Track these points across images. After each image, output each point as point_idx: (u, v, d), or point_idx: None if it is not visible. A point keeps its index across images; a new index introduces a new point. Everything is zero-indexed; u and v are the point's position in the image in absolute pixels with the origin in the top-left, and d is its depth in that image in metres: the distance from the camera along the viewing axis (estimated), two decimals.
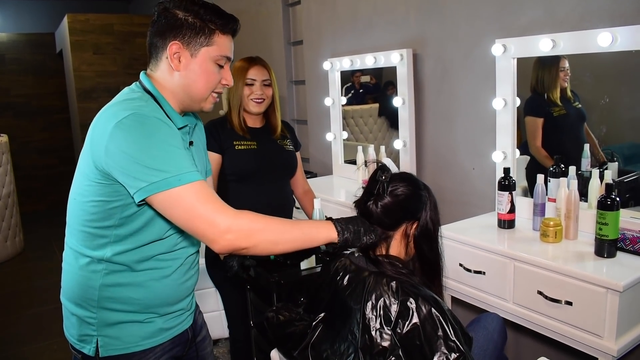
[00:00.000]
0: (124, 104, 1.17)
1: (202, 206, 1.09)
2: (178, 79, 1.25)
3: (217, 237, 1.09)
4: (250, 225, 1.11)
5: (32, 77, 6.70)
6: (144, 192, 1.09)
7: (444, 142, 2.53)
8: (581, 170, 1.96)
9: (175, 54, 1.22)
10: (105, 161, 1.12)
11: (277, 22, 3.79)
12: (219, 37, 1.25)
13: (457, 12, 2.34)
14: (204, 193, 1.11)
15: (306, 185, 2.30)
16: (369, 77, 3.08)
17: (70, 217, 1.26)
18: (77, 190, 1.22)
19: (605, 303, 1.48)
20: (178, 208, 1.10)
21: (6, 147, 4.92)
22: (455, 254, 1.95)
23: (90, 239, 1.21)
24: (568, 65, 1.94)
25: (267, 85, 2.09)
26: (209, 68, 1.25)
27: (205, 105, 1.30)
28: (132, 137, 1.10)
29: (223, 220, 1.09)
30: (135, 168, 1.09)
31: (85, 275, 1.23)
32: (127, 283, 1.23)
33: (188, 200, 1.09)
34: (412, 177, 1.30)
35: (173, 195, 1.09)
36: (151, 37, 1.26)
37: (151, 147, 1.10)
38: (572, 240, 1.80)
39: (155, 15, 1.25)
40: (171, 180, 1.09)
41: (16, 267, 4.75)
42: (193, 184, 1.11)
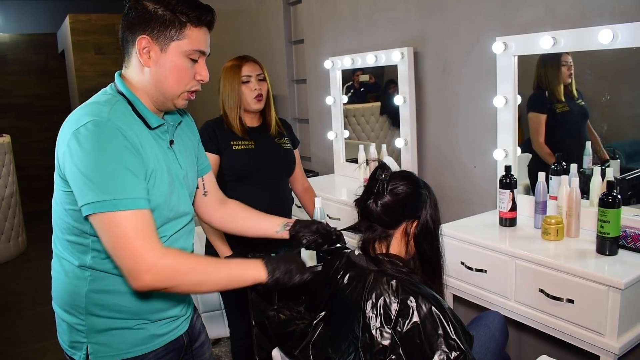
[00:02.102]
0: (88, 108, 1.13)
1: (132, 238, 1.05)
2: (148, 75, 1.19)
3: (136, 275, 1.05)
4: (173, 268, 1.07)
5: (34, 77, 6.71)
6: (85, 210, 1.06)
7: (445, 141, 2.53)
8: (583, 168, 1.95)
9: (144, 49, 1.16)
10: (64, 168, 1.10)
11: (278, 21, 3.79)
12: (191, 30, 1.18)
13: (458, 10, 2.34)
14: (137, 225, 1.06)
15: (306, 183, 2.29)
16: (367, 76, 3.07)
17: (53, 224, 1.24)
18: (54, 197, 1.21)
19: (607, 301, 1.48)
20: (107, 233, 1.06)
21: (8, 148, 4.93)
22: (457, 252, 1.95)
23: (72, 246, 1.19)
24: (571, 60, 1.93)
25: (261, 80, 2.08)
26: (181, 63, 1.18)
27: (178, 102, 1.24)
28: (84, 149, 1.06)
29: (147, 257, 1.04)
30: (81, 182, 1.05)
31: (71, 282, 1.21)
32: (113, 290, 1.19)
33: (118, 230, 1.05)
34: (412, 175, 1.30)
35: (105, 220, 1.05)
36: (122, 32, 1.20)
37: (99, 164, 1.05)
38: (573, 238, 1.79)
39: (126, 8, 1.19)
40: (106, 204, 1.04)
41: (19, 267, 4.76)
42: (131, 212, 1.06)
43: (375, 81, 3.05)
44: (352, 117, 3.19)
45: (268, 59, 3.96)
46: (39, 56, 6.71)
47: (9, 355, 3.09)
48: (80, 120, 1.08)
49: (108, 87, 1.24)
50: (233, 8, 4.41)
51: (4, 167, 4.79)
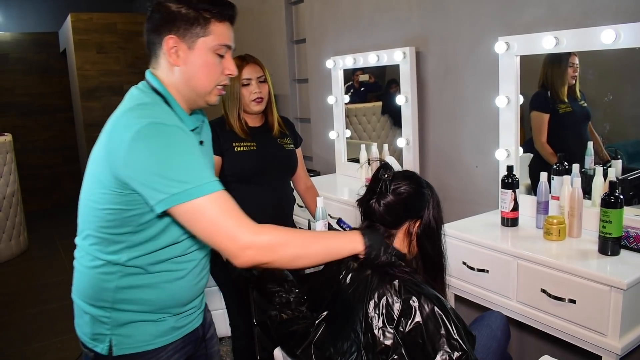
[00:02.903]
0: (139, 111, 1.13)
1: (224, 220, 1.07)
2: (179, 74, 1.21)
3: (238, 252, 1.07)
4: (272, 240, 1.09)
5: (36, 76, 6.72)
6: (165, 204, 1.07)
7: (447, 140, 2.53)
8: (585, 168, 1.95)
9: (172, 49, 1.19)
10: (125, 172, 1.09)
11: (279, 21, 3.79)
12: (216, 26, 1.21)
13: (460, 10, 2.34)
14: (226, 205, 1.08)
15: (308, 182, 2.29)
16: (367, 75, 3.07)
17: (82, 221, 1.24)
18: (90, 196, 1.19)
19: (609, 301, 1.47)
20: (200, 221, 1.07)
21: (10, 146, 4.93)
22: (459, 252, 1.94)
23: (105, 244, 1.19)
24: (578, 62, 1.93)
25: (262, 82, 2.07)
26: (209, 59, 1.22)
27: (210, 98, 1.27)
28: (150, 148, 1.07)
29: (244, 235, 1.06)
30: (155, 180, 1.06)
31: (99, 277, 1.21)
32: (142, 285, 1.21)
33: (210, 213, 1.07)
34: (414, 175, 1.30)
35: (195, 207, 1.06)
36: (147, 35, 1.23)
37: (170, 158, 1.07)
38: (575, 238, 1.79)
39: (149, 11, 1.22)
40: (192, 192, 1.06)
41: (20, 266, 4.77)
42: (215, 194, 1.08)
43: (375, 81, 3.05)
44: (353, 117, 3.19)
45: (270, 58, 3.96)
46: (41, 55, 6.71)
47: (10, 354, 3.10)
48: (136, 123, 1.08)
49: (140, 84, 1.24)
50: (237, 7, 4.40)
51: (6, 166, 4.80)
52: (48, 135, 6.87)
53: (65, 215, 6.54)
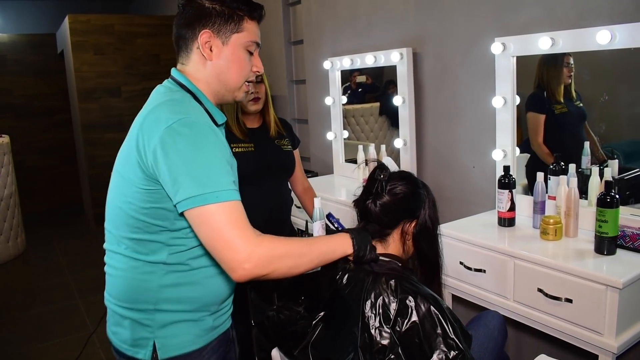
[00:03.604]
0: (170, 106, 1.14)
1: (229, 230, 1.06)
2: (211, 68, 1.24)
3: (236, 265, 1.05)
4: (270, 253, 1.08)
5: (34, 77, 6.70)
6: (183, 205, 1.07)
7: (444, 141, 2.54)
8: (581, 168, 1.96)
9: (206, 43, 1.21)
10: (153, 165, 1.10)
11: (277, 22, 3.80)
12: (248, 23, 1.24)
13: (457, 11, 2.35)
14: (235, 216, 1.07)
15: (306, 183, 2.30)
16: (364, 76, 3.08)
17: (114, 225, 1.23)
18: (121, 197, 1.19)
19: (605, 300, 1.48)
20: (206, 226, 1.07)
21: (7, 148, 4.93)
22: (456, 252, 1.95)
23: (142, 245, 1.18)
24: (573, 62, 1.94)
25: (259, 82, 2.08)
26: (241, 55, 1.25)
27: (239, 94, 1.30)
28: (179, 145, 1.07)
29: (244, 247, 1.05)
30: (178, 178, 1.07)
31: (140, 277, 1.20)
32: (185, 282, 1.20)
33: (218, 220, 1.06)
34: (410, 175, 1.31)
35: (206, 212, 1.06)
36: (178, 30, 1.24)
37: (197, 158, 1.08)
38: (572, 237, 1.80)
39: (181, 7, 1.24)
40: (208, 197, 1.06)
41: (18, 268, 4.76)
42: (228, 203, 1.07)
43: (373, 82, 3.05)
44: (351, 118, 3.19)
45: (268, 59, 3.96)
46: (38, 56, 6.70)
47: (8, 356, 3.09)
48: (168, 118, 1.10)
49: (166, 82, 1.26)
50: None
51: (3, 168, 4.79)
52: (46, 136, 6.85)
53: (63, 217, 6.54)
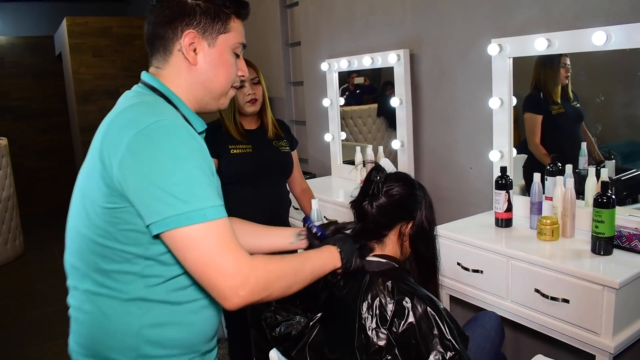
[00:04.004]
0: (141, 108, 0.98)
1: (221, 253, 0.91)
2: (195, 73, 1.08)
3: (230, 293, 0.91)
4: (266, 276, 0.96)
5: (32, 80, 6.71)
6: (159, 226, 0.91)
7: (441, 142, 2.54)
8: (578, 169, 1.96)
9: (190, 45, 1.06)
10: (119, 177, 0.92)
11: (275, 23, 3.80)
12: (235, 22, 1.10)
13: (453, 12, 2.35)
14: (226, 236, 0.93)
15: (304, 184, 2.30)
16: (362, 78, 3.09)
17: (76, 256, 1.04)
18: (83, 220, 1.00)
19: (602, 300, 1.48)
20: (193, 250, 0.91)
21: (6, 150, 4.93)
22: (453, 253, 1.95)
23: (113, 278, 1.00)
24: (569, 63, 1.95)
25: (256, 84, 2.08)
26: (228, 58, 1.10)
27: (225, 101, 1.15)
28: (153, 153, 0.90)
29: (238, 273, 0.91)
30: (152, 193, 0.90)
31: (116, 321, 1.01)
32: (168, 322, 1.03)
33: (207, 243, 0.90)
34: (407, 176, 1.31)
35: (192, 234, 0.90)
36: (154, 28, 1.07)
37: (175, 169, 0.91)
38: (569, 238, 1.80)
39: (155, 1, 1.08)
40: (194, 215, 0.90)
41: (16, 270, 4.76)
42: (217, 222, 0.92)
43: (371, 83, 3.06)
44: (349, 119, 3.20)
45: (265, 61, 3.96)
46: (36, 59, 6.71)
47: (7, 358, 3.09)
48: (139, 121, 0.93)
49: (136, 87, 1.11)
50: None
51: (1, 170, 4.79)
52: (44, 138, 6.86)
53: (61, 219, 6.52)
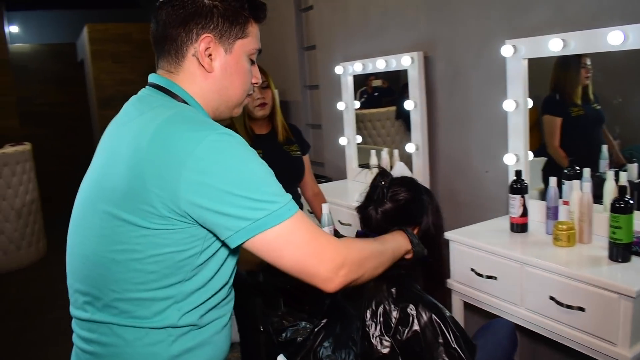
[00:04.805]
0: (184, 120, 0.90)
1: (316, 240, 0.91)
2: (211, 81, 1.00)
3: (332, 274, 0.91)
4: (359, 255, 0.97)
5: (55, 86, 6.85)
6: (248, 232, 0.87)
7: (456, 145, 2.50)
8: (599, 172, 1.91)
9: (206, 50, 0.98)
10: (188, 197, 0.85)
11: (290, 27, 3.81)
12: (252, 27, 1.03)
13: (467, 13, 2.32)
14: (310, 224, 0.93)
15: (316, 188, 2.29)
16: (380, 80, 3.06)
17: (93, 285, 0.96)
18: (113, 245, 0.91)
19: (619, 309, 1.43)
20: (290, 246, 0.89)
21: (29, 155, 5.03)
22: (467, 259, 1.92)
23: (144, 306, 0.92)
24: (590, 63, 1.90)
25: (265, 88, 2.08)
26: (245, 65, 1.03)
27: (239, 110, 1.09)
28: (221, 167, 0.86)
29: (337, 254, 0.92)
30: (233, 203, 0.85)
31: (143, 352, 0.94)
32: (195, 345, 0.97)
33: (302, 235, 0.90)
34: (413, 181, 1.29)
35: (284, 232, 0.88)
36: (165, 28, 0.99)
37: (248, 176, 0.88)
38: (586, 244, 1.75)
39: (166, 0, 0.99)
40: (282, 212, 0.88)
41: (39, 272, 4.84)
42: (299, 214, 0.92)
43: (389, 85, 3.03)
44: (367, 122, 3.17)
45: (281, 64, 3.97)
46: (59, 65, 6.85)
47: (30, 359, 3.14)
48: (194, 138, 0.86)
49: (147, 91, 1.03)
50: None
51: (25, 174, 4.89)
52: (66, 143, 6.98)
53: None
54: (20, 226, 4.80)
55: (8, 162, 4.68)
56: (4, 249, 4.66)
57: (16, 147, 4.92)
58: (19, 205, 4.76)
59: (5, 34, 5.76)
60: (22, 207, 4.82)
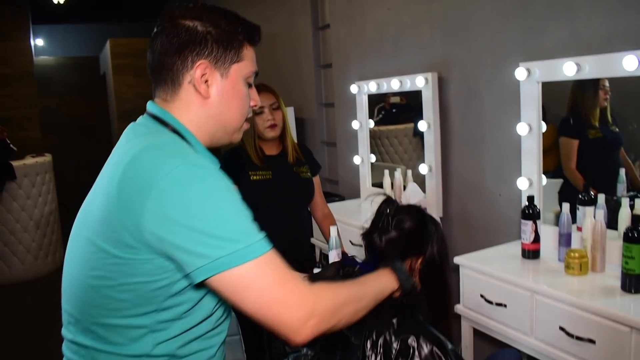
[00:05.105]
0: (161, 149, 0.89)
1: (281, 286, 0.84)
2: (207, 107, 0.99)
3: (300, 325, 0.84)
4: (333, 302, 0.90)
5: (78, 98, 7.00)
6: (207, 270, 0.82)
7: (470, 167, 2.48)
8: (616, 196, 1.87)
9: (202, 77, 0.97)
10: (151, 230, 0.83)
11: (307, 45, 3.83)
12: (247, 50, 1.02)
13: (482, 35, 2.30)
14: (280, 267, 0.86)
15: (326, 209, 2.28)
16: (398, 97, 3.05)
17: (77, 307, 0.96)
18: (90, 270, 0.91)
19: (630, 343, 1.39)
20: (251, 290, 0.83)
21: (49, 166, 5.12)
22: (477, 285, 1.89)
23: (119, 333, 0.91)
24: (608, 84, 1.87)
25: (275, 109, 2.08)
26: (242, 89, 1.02)
27: (238, 136, 1.07)
28: (187, 198, 0.83)
29: (305, 302, 0.85)
30: (195, 238, 0.82)
31: None
32: None
33: (265, 279, 0.84)
34: (419, 209, 1.27)
35: (246, 273, 0.83)
36: (160, 57, 0.98)
37: (214, 210, 0.84)
38: (598, 272, 1.71)
39: (159, 28, 0.99)
40: (244, 253, 0.83)
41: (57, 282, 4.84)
42: (267, 255, 0.85)
43: (407, 102, 3.01)
44: (384, 139, 3.15)
45: (298, 82, 3.99)
46: (82, 78, 7.00)
47: None
48: (166, 165, 0.85)
49: (145, 120, 1.02)
50: (266, 32, 4.45)
51: (45, 185, 4.97)
52: (87, 154, 7.10)
53: None
54: (38, 237, 4.88)
55: (28, 173, 4.77)
56: (21, 258, 4.74)
57: (37, 159, 5.02)
58: (37, 216, 4.85)
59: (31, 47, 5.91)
60: (41, 218, 4.90)
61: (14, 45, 5.61)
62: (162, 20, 0.98)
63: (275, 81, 4.37)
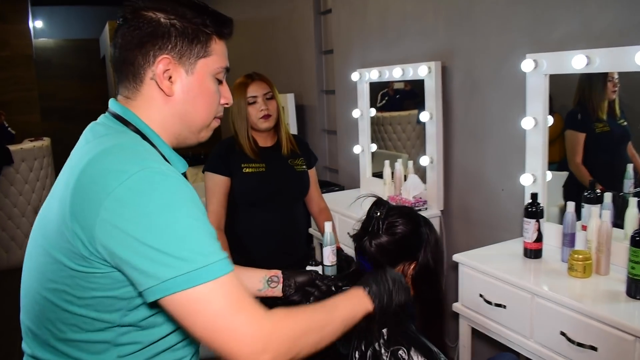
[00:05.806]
0: (119, 154, 0.82)
1: (233, 314, 0.77)
2: (171, 105, 0.93)
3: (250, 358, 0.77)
4: (290, 334, 0.82)
5: (78, 82, 6.92)
6: (157, 291, 0.77)
7: (472, 160, 2.40)
8: (623, 192, 1.79)
9: (165, 73, 0.91)
10: (102, 239, 0.78)
11: (309, 30, 3.73)
12: (217, 44, 0.95)
13: (488, 24, 2.21)
14: (236, 293, 0.79)
15: (322, 203, 2.21)
16: (403, 83, 2.96)
17: (34, 321, 0.88)
18: (47, 283, 0.85)
19: (634, 352, 1.33)
20: (201, 316, 0.77)
21: (48, 151, 5.06)
22: (476, 284, 1.83)
23: (79, 347, 0.86)
24: (617, 77, 1.78)
25: (269, 99, 2.00)
26: (210, 86, 0.95)
27: (206, 134, 1.00)
28: (141, 209, 0.76)
29: (257, 335, 0.78)
30: (145, 255, 0.76)
31: None
32: None
33: (216, 304, 0.77)
34: (411, 211, 1.20)
35: (197, 297, 0.76)
36: (121, 52, 0.92)
37: (169, 225, 0.77)
38: (603, 275, 1.64)
39: (121, 20, 0.92)
40: (198, 275, 0.76)
41: None
42: (223, 279, 0.78)
43: (412, 88, 2.92)
44: (387, 126, 3.06)
45: (299, 68, 3.91)
46: (82, 61, 6.91)
47: None
48: (123, 171, 0.78)
49: (106, 119, 0.95)
50: (266, 16, 4.38)
51: (43, 170, 4.92)
52: None
53: None
54: None
55: (26, 158, 4.72)
56: (19, 243, 4.71)
57: (34, 143, 4.96)
58: (35, 201, 4.80)
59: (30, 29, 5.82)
60: (39, 203, 4.86)
61: (12, 27, 5.52)
62: (125, 11, 0.92)
63: (275, 67, 4.29)
